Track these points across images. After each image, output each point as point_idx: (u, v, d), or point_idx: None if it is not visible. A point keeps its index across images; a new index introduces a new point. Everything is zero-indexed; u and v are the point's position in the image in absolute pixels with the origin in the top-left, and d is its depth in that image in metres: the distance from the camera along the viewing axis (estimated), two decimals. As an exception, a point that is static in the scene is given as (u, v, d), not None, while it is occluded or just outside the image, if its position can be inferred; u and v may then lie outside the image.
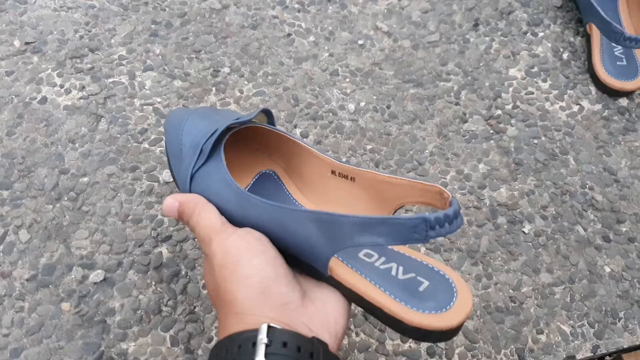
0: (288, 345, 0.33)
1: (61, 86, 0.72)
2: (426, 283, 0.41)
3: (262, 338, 0.33)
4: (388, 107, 0.74)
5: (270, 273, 0.37)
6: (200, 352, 0.56)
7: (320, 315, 0.38)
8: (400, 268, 0.42)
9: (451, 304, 0.39)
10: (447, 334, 0.38)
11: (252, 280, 0.37)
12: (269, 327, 0.34)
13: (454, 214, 0.34)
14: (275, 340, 0.33)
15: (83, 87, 0.73)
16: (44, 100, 0.71)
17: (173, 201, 0.44)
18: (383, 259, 0.44)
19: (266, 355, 0.32)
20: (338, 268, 0.41)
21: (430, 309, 0.38)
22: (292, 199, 0.53)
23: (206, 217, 0.42)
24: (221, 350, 0.35)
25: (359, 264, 0.43)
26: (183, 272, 0.61)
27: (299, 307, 0.37)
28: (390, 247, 0.45)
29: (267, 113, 0.53)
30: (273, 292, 0.36)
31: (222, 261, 0.38)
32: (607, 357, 0.60)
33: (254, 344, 0.33)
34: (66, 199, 0.64)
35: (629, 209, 0.68)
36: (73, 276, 0.59)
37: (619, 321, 0.61)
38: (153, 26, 0.79)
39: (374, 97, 0.75)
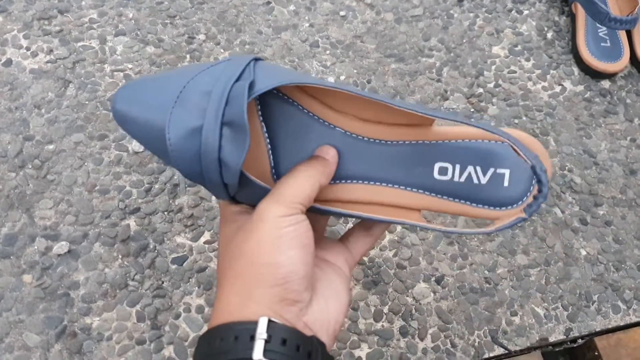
0: (287, 343, 0.31)
1: (27, 49, 0.69)
2: (507, 172, 0.41)
3: (262, 333, 0.31)
4: (368, 81, 0.72)
5: (300, 271, 0.34)
6: (167, 328, 0.55)
7: (322, 314, 0.36)
8: (478, 168, 0.41)
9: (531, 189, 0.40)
10: None
11: (279, 270, 0.34)
12: (270, 321, 0.32)
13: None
14: (274, 336, 0.31)
15: (51, 51, 0.69)
16: (8, 62, 0.68)
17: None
18: (458, 166, 0.42)
19: (264, 352, 0.31)
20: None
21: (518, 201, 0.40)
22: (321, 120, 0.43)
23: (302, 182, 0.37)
24: (214, 338, 0.32)
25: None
26: (151, 246, 0.59)
27: (305, 307, 0.35)
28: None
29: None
30: (289, 289, 0.34)
31: (263, 234, 0.34)
32: (580, 340, 0.60)
33: (252, 337, 0.31)
34: (30, 166, 0.61)
35: (607, 192, 0.68)
36: (36, 247, 0.57)
37: (592, 304, 0.61)
38: (126, -11, 0.76)
39: (355, 70, 0.73)
